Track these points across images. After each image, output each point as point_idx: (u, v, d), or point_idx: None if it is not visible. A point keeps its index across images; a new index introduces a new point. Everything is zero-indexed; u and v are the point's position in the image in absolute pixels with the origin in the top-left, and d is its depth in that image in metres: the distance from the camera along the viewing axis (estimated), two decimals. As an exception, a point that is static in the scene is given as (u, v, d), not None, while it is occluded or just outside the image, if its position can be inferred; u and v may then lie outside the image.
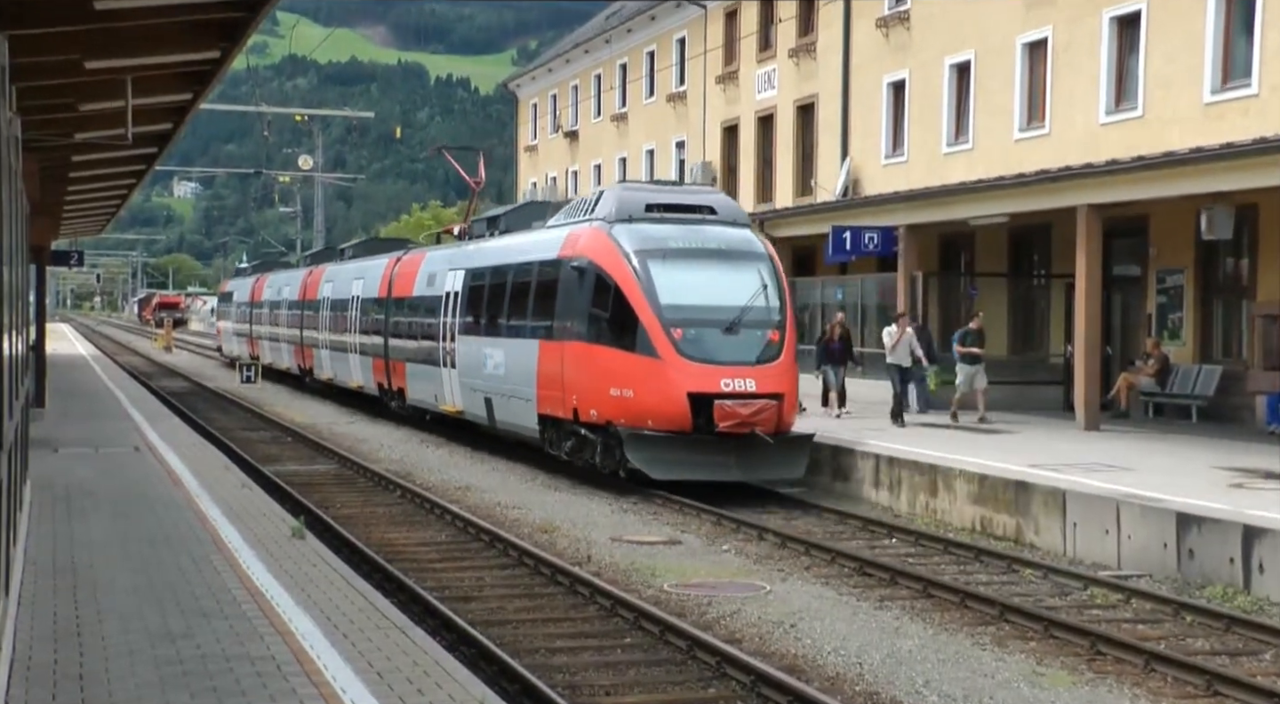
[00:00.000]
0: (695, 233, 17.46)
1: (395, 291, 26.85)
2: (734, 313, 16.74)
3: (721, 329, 16.61)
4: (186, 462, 16.53)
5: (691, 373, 16.25)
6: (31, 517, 12.03)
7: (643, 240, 17.15)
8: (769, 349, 16.72)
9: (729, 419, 16.10)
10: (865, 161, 29.21)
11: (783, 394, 16.54)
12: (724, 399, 16.16)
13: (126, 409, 24.44)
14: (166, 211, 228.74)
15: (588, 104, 44.05)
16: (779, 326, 16.91)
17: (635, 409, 16.52)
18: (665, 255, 17.00)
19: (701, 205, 18.08)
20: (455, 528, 14.90)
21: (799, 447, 16.87)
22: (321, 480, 18.94)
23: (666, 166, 38.58)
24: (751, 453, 16.36)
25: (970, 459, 15.96)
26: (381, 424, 27.56)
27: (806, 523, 15.54)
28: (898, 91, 28.27)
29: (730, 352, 16.49)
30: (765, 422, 16.24)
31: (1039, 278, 25.43)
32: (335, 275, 33.19)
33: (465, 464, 21.00)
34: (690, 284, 16.80)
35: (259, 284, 43.26)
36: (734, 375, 16.33)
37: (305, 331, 35.41)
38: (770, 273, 17.33)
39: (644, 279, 16.69)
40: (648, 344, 16.38)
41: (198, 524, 11.85)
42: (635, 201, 17.87)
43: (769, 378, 16.46)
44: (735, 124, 34.69)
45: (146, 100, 11.93)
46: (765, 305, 16.99)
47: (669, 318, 16.47)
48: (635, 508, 16.58)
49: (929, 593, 11.58)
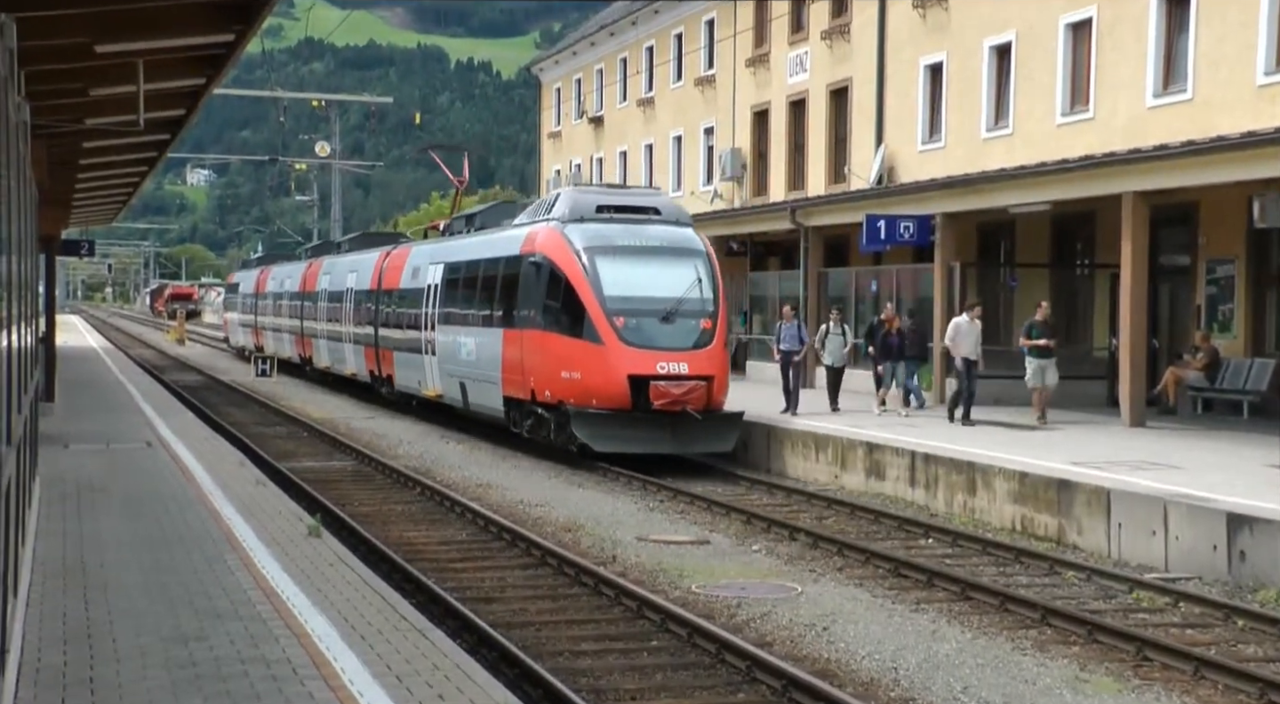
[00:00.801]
0: (639, 232, 20.08)
1: (384, 284, 29.36)
2: (671, 304, 19.34)
3: (659, 318, 19.21)
4: (200, 457, 16.61)
5: (631, 357, 18.86)
6: (40, 514, 12.10)
7: (591, 238, 19.76)
8: (702, 336, 19.33)
9: (663, 398, 18.73)
10: (901, 147, 29.09)
11: (712, 376, 19.11)
12: (659, 380, 18.79)
13: (138, 403, 24.57)
14: (179, 200, 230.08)
15: (613, 88, 44.02)
16: (711, 316, 19.51)
17: (582, 390, 19.08)
18: (611, 252, 19.60)
19: (647, 206, 20.76)
20: (476, 526, 14.93)
21: (729, 423, 19.40)
22: (339, 477, 19.00)
23: (695, 153, 38.53)
24: (684, 428, 18.91)
25: (1010, 456, 15.89)
26: (401, 419, 27.64)
27: (839, 522, 15.53)
28: (935, 74, 28.12)
29: (666, 338, 19.15)
30: (695, 400, 18.84)
31: (1082, 268, 25.27)
32: (332, 268, 35.75)
33: (487, 461, 21.04)
34: (632, 278, 19.41)
35: (263, 276, 46.15)
36: (669, 359, 18.97)
37: (305, 322, 38.10)
38: (706, 268, 19.87)
39: (591, 273, 19.32)
40: (593, 331, 19.05)
41: (211, 522, 11.90)
42: (587, 203, 20.53)
43: (700, 361, 19.07)
44: (766, 109, 34.60)
45: (158, 85, 11.97)
46: (700, 297, 19.57)
47: (612, 308, 19.10)
48: (662, 506, 16.61)
49: (967, 595, 11.53)
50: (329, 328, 34.89)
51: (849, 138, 31.05)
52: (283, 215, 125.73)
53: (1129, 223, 19.53)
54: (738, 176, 35.32)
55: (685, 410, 18.77)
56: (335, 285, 34.57)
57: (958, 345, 20.04)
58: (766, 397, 24.72)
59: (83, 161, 17.57)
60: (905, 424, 19.83)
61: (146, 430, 19.83)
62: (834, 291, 28.48)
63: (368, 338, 30.30)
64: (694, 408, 18.83)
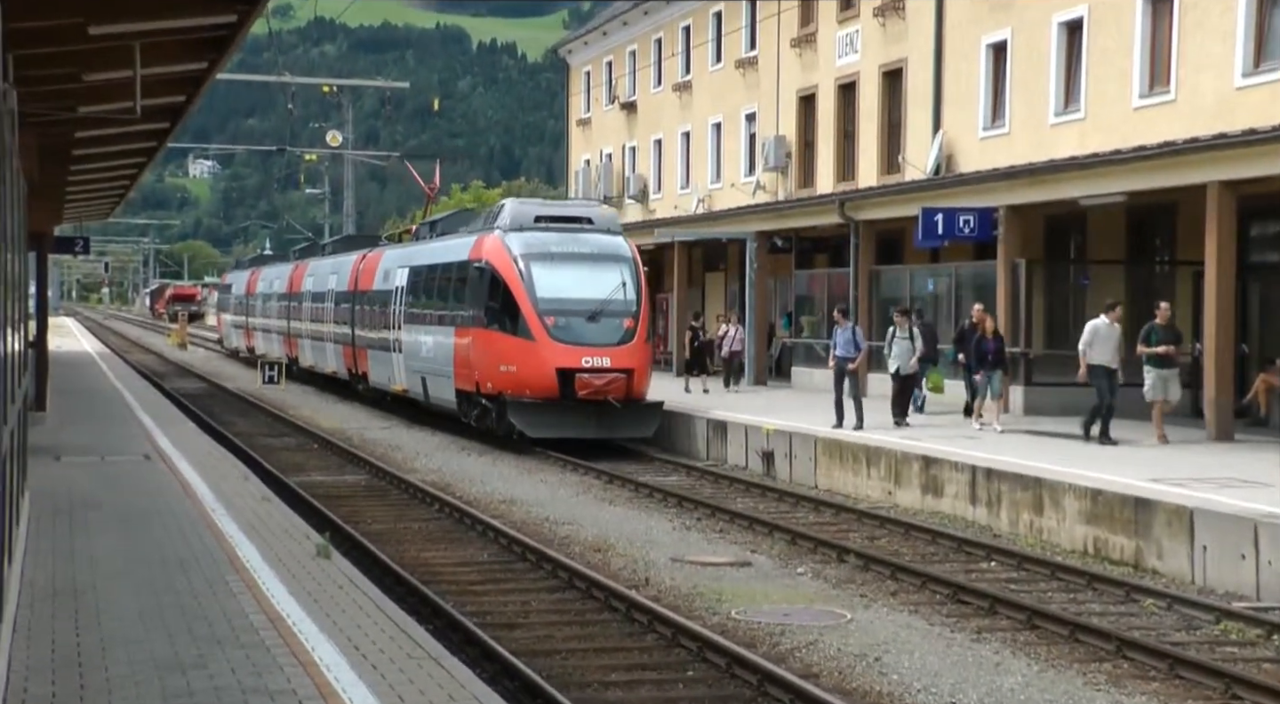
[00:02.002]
0: (573, 239, 24.05)
1: (360, 285, 33.39)
2: (597, 305, 23.16)
3: (586, 317, 23.00)
4: (201, 471, 16.68)
5: (559, 352, 22.65)
6: (29, 532, 12.18)
7: (528, 245, 23.69)
8: (624, 334, 23.04)
9: (586, 388, 22.44)
10: (960, 134, 28.96)
11: (633, 369, 22.79)
12: (584, 373, 22.48)
13: (136, 413, 24.73)
14: (181, 193, 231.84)
15: (647, 72, 44.04)
16: (634, 316, 23.27)
17: (517, 382, 22.94)
18: (545, 258, 23.49)
19: (581, 217, 25.02)
20: (498, 546, 14.95)
21: (650, 412, 23.31)
22: (350, 492, 19.07)
23: (735, 141, 38.51)
24: (607, 416, 22.67)
25: (1081, 472, 15.77)
26: (418, 429, 27.73)
27: (893, 542, 15.46)
28: (998, 54, 27.97)
29: (592, 335, 22.87)
30: (616, 390, 22.53)
31: (1162, 266, 25.07)
32: (316, 270, 39.89)
33: (510, 475, 21.08)
34: (563, 281, 23.23)
35: (254, 277, 50.79)
36: (593, 354, 22.69)
37: (291, 322, 42.00)
38: (631, 273, 23.70)
39: (526, 277, 23.21)
40: (526, 329, 22.90)
41: (213, 541, 11.94)
42: (527, 214, 24.74)
43: (622, 356, 22.82)
44: (813, 93, 34.53)
45: (157, 70, 12.01)
46: (624, 299, 23.39)
47: (543, 308, 22.93)
48: (699, 524, 16.59)
49: (1034, 624, 11.44)
50: (312, 328, 38.67)
51: (903, 124, 30.94)
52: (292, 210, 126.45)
53: (1214, 215, 19.35)
54: (782, 167, 35.27)
55: (607, 400, 22.47)
56: (318, 287, 38.45)
57: (1095, 351, 19.06)
58: (813, 408, 24.66)
59: (76, 152, 17.66)
60: (995, 440, 19.59)
61: (144, 442, 19.94)
62: (887, 292, 28.37)
63: (346, 337, 34.22)
64: (615, 397, 22.57)
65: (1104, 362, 19.07)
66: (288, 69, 56.57)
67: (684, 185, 41.48)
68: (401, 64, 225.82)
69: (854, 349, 21.82)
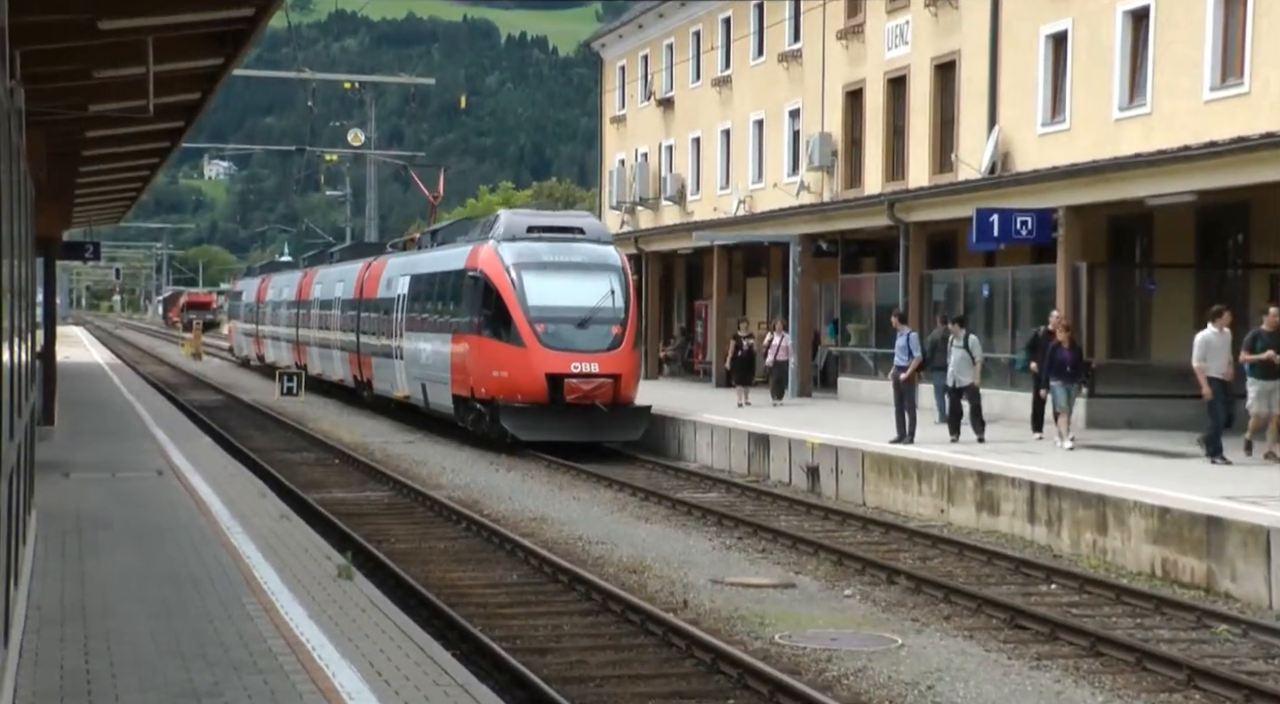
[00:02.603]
0: (564, 249, 26.02)
1: (365, 293, 35.46)
2: (586, 312, 25.10)
3: (575, 324, 24.96)
4: (217, 488, 16.74)
5: (549, 358, 24.60)
6: (36, 553, 12.24)
7: (520, 255, 25.69)
8: (612, 340, 25.00)
9: (574, 393, 24.44)
10: (1017, 130, 28.83)
11: (620, 374, 24.77)
12: (572, 378, 24.48)
13: (148, 426, 24.87)
14: (195, 196, 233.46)
15: (685, 66, 44.07)
16: (622, 323, 25.20)
17: (509, 386, 24.97)
18: (537, 267, 25.51)
19: (573, 227, 27.04)
20: (529, 566, 14.96)
21: (637, 415, 25.29)
22: (373, 510, 19.12)
23: (778, 139, 38.46)
24: (595, 419, 24.64)
25: (1148, 488, 15.65)
26: (444, 443, 27.79)
27: (946, 563, 15.39)
28: (1058, 45, 27.84)
29: (581, 342, 24.85)
30: (603, 395, 24.57)
31: (1235, 269, 24.86)
32: (324, 278, 42.11)
33: (541, 491, 21.10)
34: (554, 290, 25.22)
35: (264, 284, 53.31)
36: (582, 360, 24.60)
37: (300, 330, 44.13)
38: (620, 281, 25.66)
39: (518, 286, 25.18)
40: (518, 336, 24.86)
41: (229, 561, 11.98)
42: (520, 224, 26.76)
43: (609, 362, 24.78)
44: (860, 88, 34.46)
45: (171, 66, 12.10)
46: (612, 307, 25.29)
47: (534, 316, 24.91)
48: (740, 544, 16.56)
49: (1097, 651, 11.36)
50: (320, 335, 40.90)
51: (957, 120, 30.83)
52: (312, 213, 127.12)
53: (1288, 216, 19.17)
54: (827, 166, 35.20)
55: (595, 404, 24.46)
56: (326, 294, 40.67)
57: (1209, 363, 18.46)
58: (862, 420, 24.57)
59: (86, 153, 17.81)
60: (1062, 455, 19.42)
61: (157, 457, 20.03)
62: (939, 297, 28.25)
63: (352, 345, 36.28)
64: (602, 402, 24.57)
65: (1217, 373, 18.51)
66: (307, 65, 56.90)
67: (724, 186, 41.46)
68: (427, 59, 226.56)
69: (906, 356, 21.70)
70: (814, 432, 22.32)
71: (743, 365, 28.56)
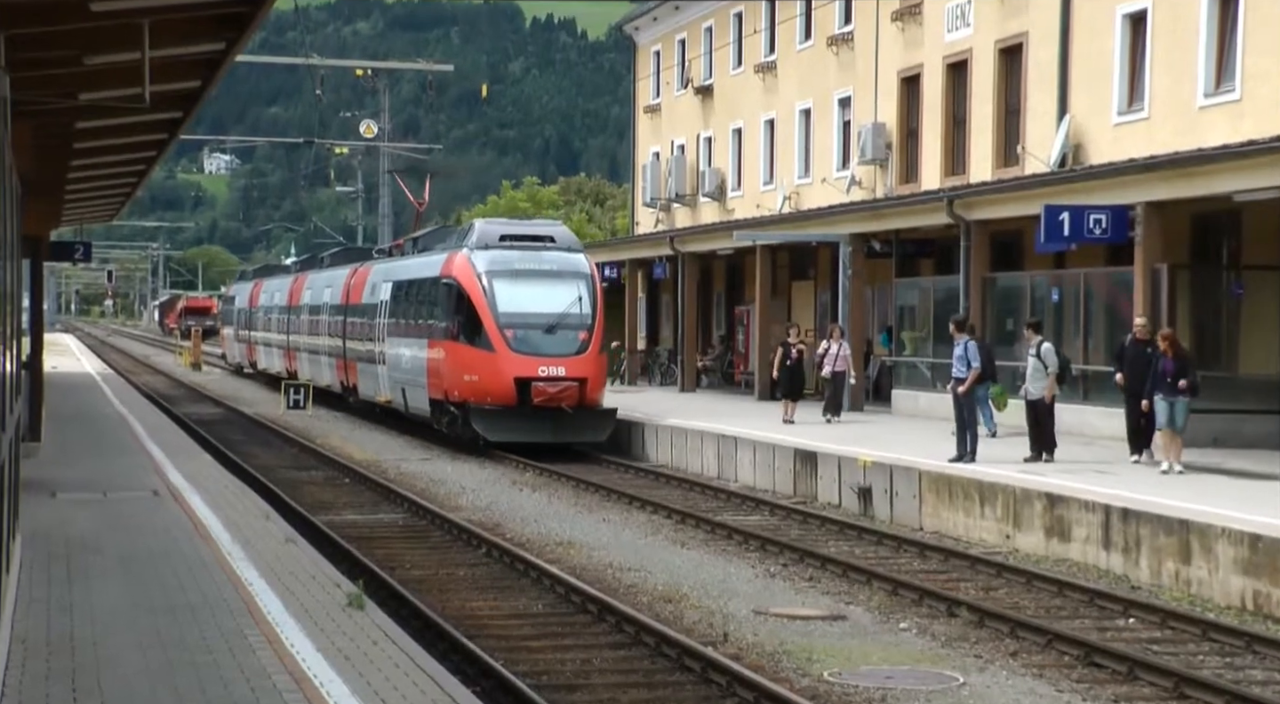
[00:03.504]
0: (534, 257, 29.13)
1: (351, 299, 38.52)
2: (554, 318, 28.10)
3: (543, 330, 27.97)
4: (217, 509, 16.80)
5: (517, 362, 27.59)
6: (21, 580, 12.29)
7: (492, 263, 28.73)
8: (579, 345, 27.97)
9: (541, 395, 27.41)
10: (1090, 119, 28.71)
11: (586, 378, 27.74)
12: (539, 381, 27.41)
13: (143, 442, 24.98)
14: (195, 192, 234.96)
15: (725, 51, 44.08)
16: (589, 329, 28.25)
17: (480, 390, 27.92)
18: (508, 275, 28.56)
19: (543, 236, 30.28)
20: (555, 595, 14.96)
21: (603, 417, 28.36)
22: (386, 533, 19.16)
23: (827, 130, 38.40)
24: (562, 421, 27.63)
25: (1237, 514, 15.54)
26: (462, 461, 27.85)
27: (1012, 594, 15.32)
28: (1136, 25, 27.71)
29: (548, 347, 27.79)
30: (568, 398, 27.51)
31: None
32: (314, 283, 44.82)
33: (568, 513, 21.11)
34: (523, 296, 28.26)
35: (256, 289, 55.71)
36: (549, 364, 27.55)
37: (291, 336, 46.65)
38: (588, 288, 28.71)
39: (489, 293, 28.22)
40: (488, 341, 27.86)
41: (230, 589, 12.01)
42: (493, 233, 30.00)
43: (576, 366, 27.73)
44: (917, 73, 34.38)
45: (168, 51, 12.14)
46: (580, 313, 28.31)
47: (504, 322, 27.93)
48: (785, 571, 16.53)
49: (1182, 693, 11.29)
50: (309, 341, 43.70)
51: (1023, 108, 30.72)
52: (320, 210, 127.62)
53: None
54: (881, 159, 35.13)
55: (561, 406, 27.37)
56: (315, 299, 43.50)
57: None
58: (918, 437, 24.47)
59: (76, 145, 17.88)
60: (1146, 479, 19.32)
61: (152, 476, 20.11)
62: (1003, 302, 28.12)
63: (339, 350, 39.29)
64: (568, 404, 27.49)
65: None
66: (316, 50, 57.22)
67: (767, 181, 41.43)
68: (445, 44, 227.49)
69: (964, 367, 21.60)
70: (866, 449, 22.25)
71: (791, 376, 27.97)
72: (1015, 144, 30.76)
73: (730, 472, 25.15)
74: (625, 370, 41.85)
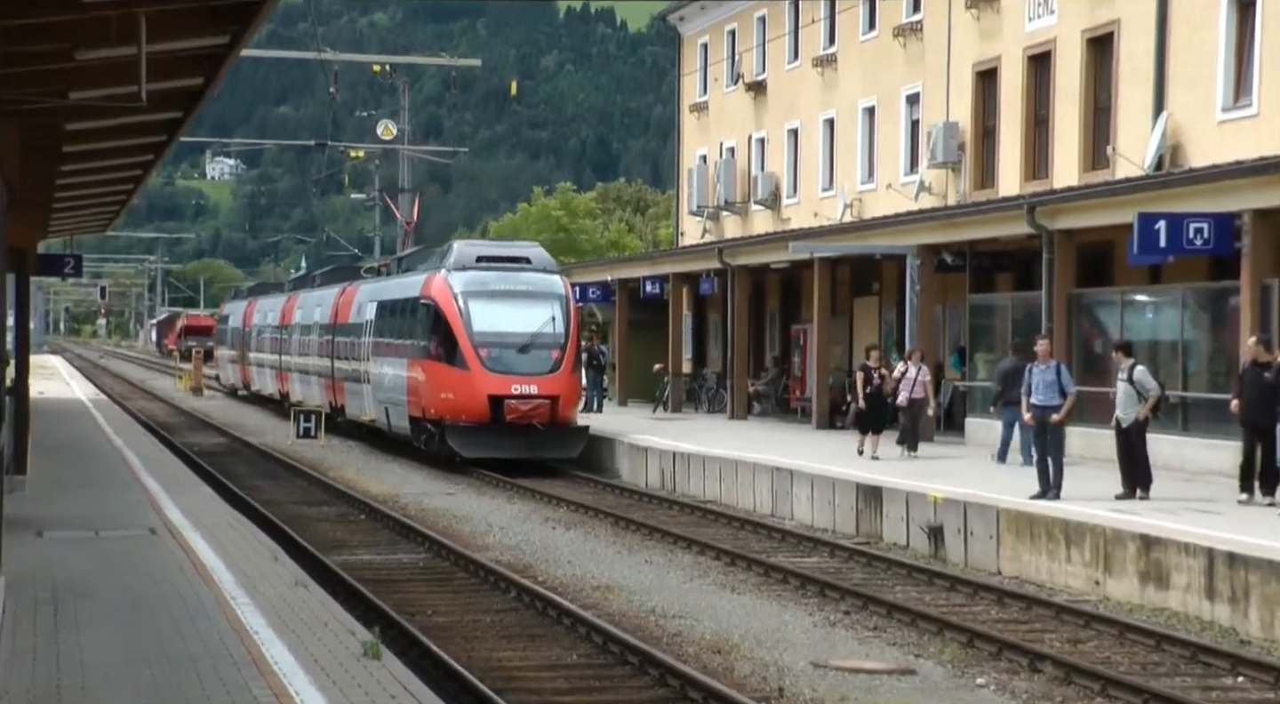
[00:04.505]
0: (510, 278, 33.05)
1: (339, 318, 42.38)
2: (527, 338, 31.92)
3: (517, 349, 31.71)
4: (220, 549, 16.84)
5: (491, 380, 31.36)
6: (5, 628, 12.31)
7: (468, 284, 32.56)
8: (552, 364, 31.75)
9: (513, 413, 31.19)
10: (1191, 117, 28.56)
11: (558, 396, 31.51)
12: (512, 399, 31.18)
13: (139, 475, 25.08)
14: (196, 200, 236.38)
15: (780, 43, 44.10)
16: (562, 348, 32.05)
17: (455, 407, 31.63)
18: (484, 295, 32.42)
19: (520, 257, 34.13)
20: (592, 644, 14.93)
21: (575, 435, 32.23)
22: (406, 575, 19.20)
23: (893, 130, 38.32)
24: (534, 438, 31.32)
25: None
26: (489, 496, 27.89)
27: (1102, 647, 15.22)
28: (1244, 11, 27.55)
29: (521, 365, 31.60)
30: (540, 415, 31.30)
31: None
32: (305, 302, 48.59)
33: (606, 554, 21.09)
34: (498, 316, 32.08)
35: (250, 308, 59.34)
36: (521, 382, 31.34)
37: (283, 356, 50.10)
38: (561, 308, 32.59)
39: (464, 313, 31.98)
40: (463, 360, 31.59)
41: (233, 638, 12.02)
42: (470, 254, 33.91)
43: (548, 384, 31.49)
44: (994, 67, 34.29)
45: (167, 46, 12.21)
46: (553, 332, 32.15)
47: (478, 341, 31.66)
48: (847, 619, 16.47)
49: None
50: (300, 362, 47.26)
51: (1114, 105, 30.61)
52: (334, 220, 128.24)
53: None
54: (953, 162, 35.05)
55: (533, 423, 31.08)
56: (306, 319, 47.24)
57: None
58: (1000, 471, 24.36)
59: (66, 149, 18.01)
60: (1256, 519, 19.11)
61: (149, 512, 20.18)
62: (1092, 321, 27.98)
63: (328, 370, 42.88)
64: (540, 421, 31.27)
65: None
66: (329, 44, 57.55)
67: (826, 187, 41.41)
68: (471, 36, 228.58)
69: (1058, 394, 21.41)
70: (936, 483, 22.16)
71: (874, 405, 27.15)
72: (1105, 145, 30.63)
73: (785, 508, 25.11)
74: (669, 396, 41.86)
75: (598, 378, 41.17)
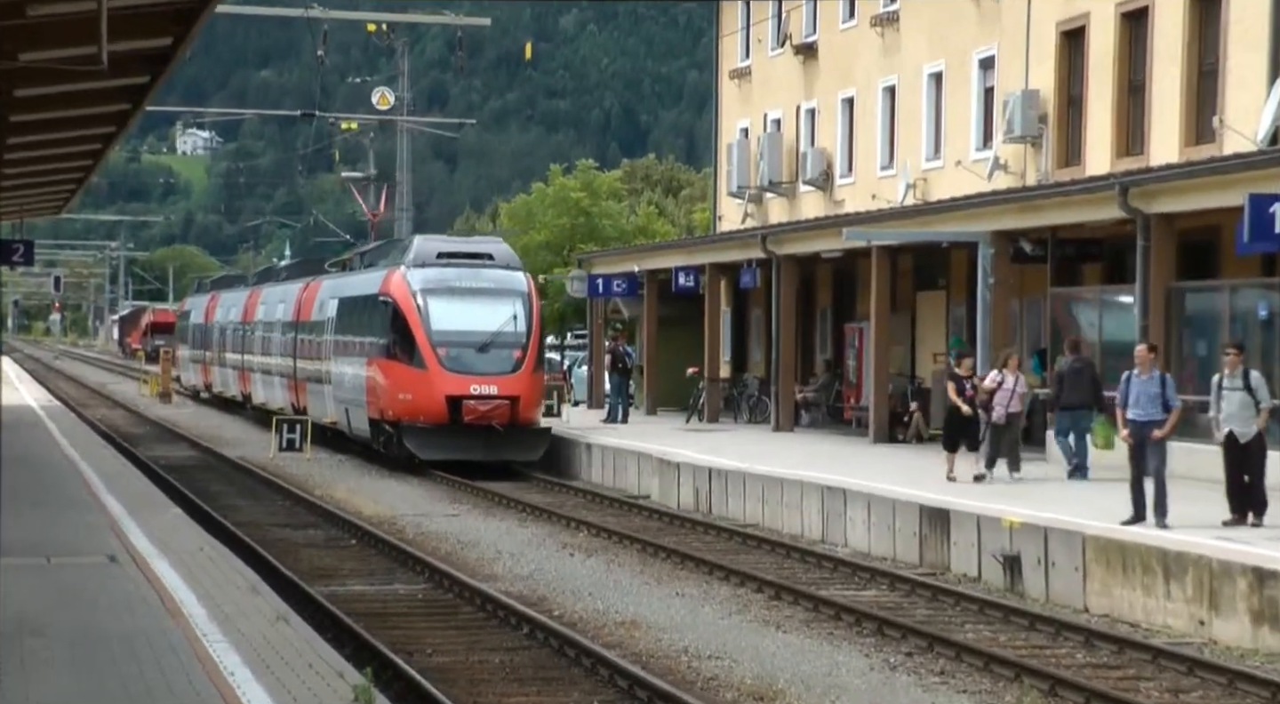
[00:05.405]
0: (471, 275, 36.23)
1: (301, 316, 45.02)
2: (488, 337, 34.94)
3: (476, 348, 34.74)
4: (190, 579, 16.84)
5: (449, 380, 34.34)
6: (-54, 664, 12.31)
7: (427, 281, 35.71)
8: (513, 364, 34.84)
9: (472, 414, 34.11)
10: (1307, 85, 28.45)
11: (519, 396, 34.52)
12: (470, 400, 34.08)
13: (98, 493, 25.15)
14: (165, 178, 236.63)
15: (832, 2, 44.04)
16: (523, 347, 35.18)
17: (412, 408, 34.69)
18: (443, 293, 35.48)
19: (481, 253, 37.50)
20: (615, 689, 14.92)
21: (536, 436, 35.48)
22: (402, 609, 19.22)
23: (963, 99, 38.24)
24: (493, 439, 34.28)
25: None
26: (498, 518, 27.90)
27: (1208, 697, 15.21)
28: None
29: (481, 365, 34.64)
30: (500, 416, 34.24)
31: None
32: (268, 298, 51.35)
33: (631, 585, 21.09)
34: (458, 314, 35.15)
35: (213, 303, 61.88)
36: (481, 382, 34.35)
37: (245, 355, 52.78)
38: (523, 306, 35.66)
39: (423, 311, 35.01)
40: (421, 359, 34.66)
41: (204, 680, 12.02)
42: (430, 250, 37.19)
43: (509, 384, 34.57)
44: (1081, 27, 34.20)
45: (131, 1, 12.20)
46: (514, 331, 35.24)
47: (437, 340, 34.71)
48: (909, 662, 16.44)
49: None
50: (262, 361, 49.98)
51: (1221, 71, 30.51)
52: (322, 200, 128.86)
53: None
54: (1033, 136, 34.97)
55: (493, 425, 34.01)
56: (269, 316, 49.96)
57: None
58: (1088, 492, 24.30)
59: (14, 118, 18.04)
60: None
61: (109, 537, 20.21)
62: (1194, 319, 27.87)
63: (290, 370, 45.62)
64: (499, 423, 34.23)
65: None
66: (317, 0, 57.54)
67: (886, 164, 41.35)
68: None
69: (1160, 408, 21.23)
70: (1012, 506, 22.09)
71: (965, 420, 26.73)
72: (1211, 116, 30.54)
73: (838, 534, 25.07)
74: (704, 404, 41.81)
75: (623, 383, 41.15)
